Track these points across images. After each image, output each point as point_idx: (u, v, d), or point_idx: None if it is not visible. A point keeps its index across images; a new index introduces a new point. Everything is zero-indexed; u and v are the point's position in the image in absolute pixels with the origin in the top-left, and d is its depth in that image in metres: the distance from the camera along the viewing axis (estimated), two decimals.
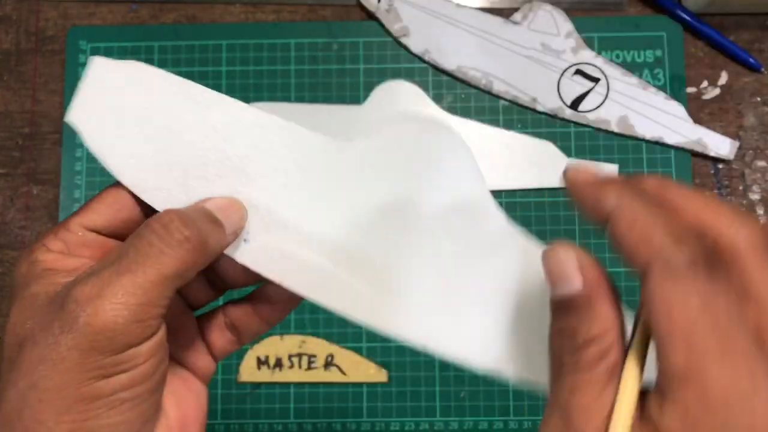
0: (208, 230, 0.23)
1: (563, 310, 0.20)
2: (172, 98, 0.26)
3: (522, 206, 0.48)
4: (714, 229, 0.18)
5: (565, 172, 0.22)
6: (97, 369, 0.20)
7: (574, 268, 0.20)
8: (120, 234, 0.25)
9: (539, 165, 0.48)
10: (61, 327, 0.20)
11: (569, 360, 0.20)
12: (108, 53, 0.50)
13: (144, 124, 0.25)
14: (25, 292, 0.22)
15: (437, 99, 0.49)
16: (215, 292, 0.28)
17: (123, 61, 0.26)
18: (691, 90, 0.49)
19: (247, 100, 0.50)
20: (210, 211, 0.23)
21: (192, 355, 0.27)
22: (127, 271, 0.21)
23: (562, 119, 0.49)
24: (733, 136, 0.48)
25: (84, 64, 0.50)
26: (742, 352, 0.17)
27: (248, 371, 0.47)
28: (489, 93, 0.49)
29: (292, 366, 0.47)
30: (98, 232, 0.24)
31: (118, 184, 0.25)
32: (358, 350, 0.47)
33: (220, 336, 0.27)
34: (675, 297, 0.18)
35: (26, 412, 0.20)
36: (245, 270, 0.25)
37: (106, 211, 0.24)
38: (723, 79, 0.49)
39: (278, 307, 0.27)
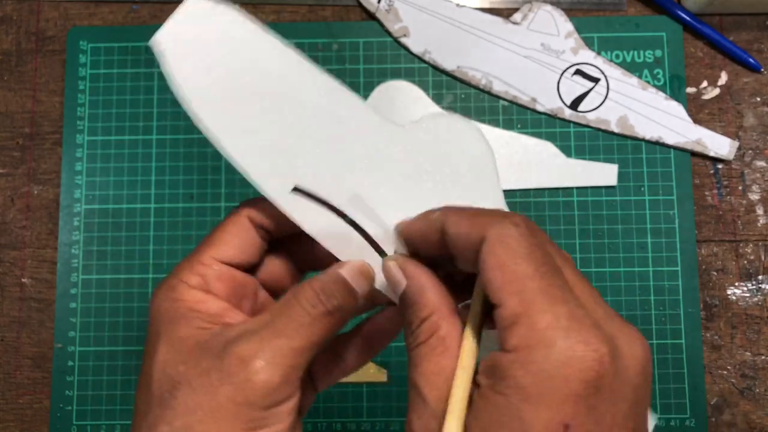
0: (347, 302, 0.25)
1: (403, 306, 0.25)
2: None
3: (522, 206, 0.48)
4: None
5: (396, 230, 0.26)
6: (249, 421, 0.23)
7: (398, 272, 0.25)
8: (244, 263, 0.27)
9: (539, 165, 0.48)
10: (221, 379, 0.23)
11: (410, 342, 0.23)
12: (108, 53, 0.50)
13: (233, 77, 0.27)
14: (173, 333, 0.24)
15: (437, 99, 0.49)
16: None
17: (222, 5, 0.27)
18: (690, 90, 0.49)
19: None
20: (347, 281, 0.26)
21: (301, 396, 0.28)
22: (283, 335, 0.24)
23: (562, 119, 0.49)
24: (733, 136, 0.48)
25: (84, 65, 0.50)
26: (559, 296, 0.20)
27: None
28: (489, 93, 0.49)
29: None
30: (228, 264, 0.26)
31: (236, 214, 0.27)
32: None
33: (326, 372, 0.29)
34: (507, 255, 0.21)
35: None
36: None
37: (234, 242, 0.27)
38: (723, 79, 0.49)
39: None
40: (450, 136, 0.28)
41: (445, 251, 0.24)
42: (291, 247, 0.29)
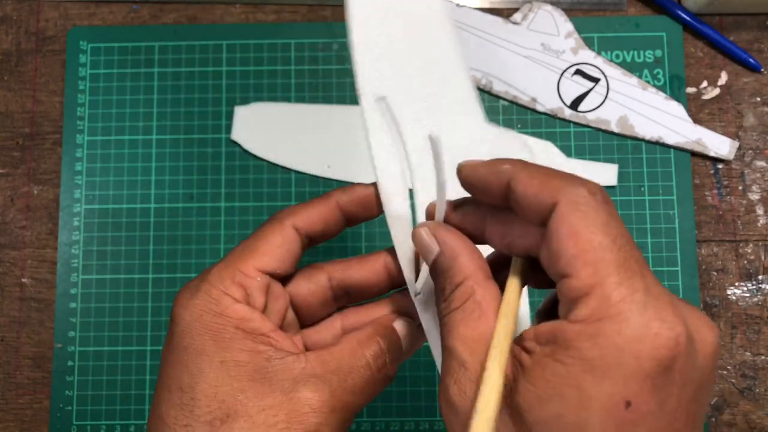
0: (397, 364, 0.26)
1: (435, 273, 0.24)
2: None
3: None
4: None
5: (459, 169, 0.24)
6: None
7: (431, 237, 0.24)
8: (283, 275, 0.26)
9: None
10: (288, 422, 0.22)
11: (444, 309, 0.23)
12: (108, 53, 0.50)
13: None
14: (226, 355, 0.23)
15: None
16: None
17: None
18: (690, 90, 0.49)
19: (247, 100, 0.50)
20: (402, 344, 0.26)
21: None
22: (350, 392, 0.24)
23: (562, 119, 0.49)
24: (733, 136, 0.48)
25: (84, 65, 0.50)
26: (636, 270, 0.20)
27: None
28: (489, 93, 0.49)
29: None
30: (268, 274, 0.26)
31: (279, 221, 0.26)
32: None
33: None
34: (582, 223, 0.20)
35: None
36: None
37: (277, 252, 0.26)
38: (723, 79, 0.49)
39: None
40: None
41: (503, 203, 0.23)
42: (325, 266, 0.28)
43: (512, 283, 0.23)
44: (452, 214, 0.25)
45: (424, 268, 0.27)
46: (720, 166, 0.48)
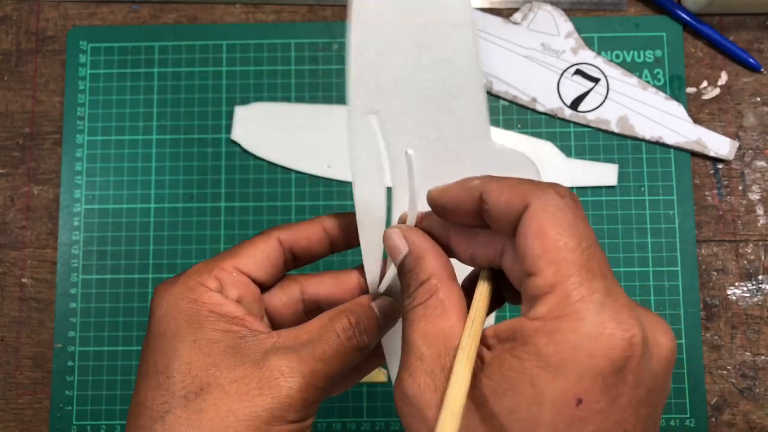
0: (375, 339, 0.27)
1: (402, 273, 0.25)
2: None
3: None
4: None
5: (429, 195, 0.25)
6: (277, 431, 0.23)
7: (400, 238, 0.25)
8: (260, 280, 0.28)
9: (539, 165, 0.48)
10: (260, 389, 0.23)
11: (407, 305, 0.24)
12: (108, 53, 0.50)
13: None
14: (199, 334, 0.24)
15: None
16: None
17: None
18: (690, 90, 0.49)
19: (247, 100, 0.50)
20: (379, 320, 0.27)
21: None
22: (321, 360, 0.25)
23: (562, 119, 0.49)
24: (733, 136, 0.48)
25: (84, 65, 0.50)
26: (597, 272, 0.20)
27: None
28: (489, 93, 0.49)
29: None
30: (246, 275, 0.27)
31: (266, 233, 0.28)
32: None
33: None
34: (547, 224, 0.21)
35: None
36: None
37: (258, 257, 0.27)
38: (723, 79, 0.49)
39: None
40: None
41: (478, 221, 0.24)
42: (300, 278, 0.30)
43: (481, 288, 0.23)
44: (421, 224, 0.26)
45: (390, 271, 0.28)
46: (720, 166, 0.48)
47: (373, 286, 0.29)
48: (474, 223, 0.24)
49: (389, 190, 0.29)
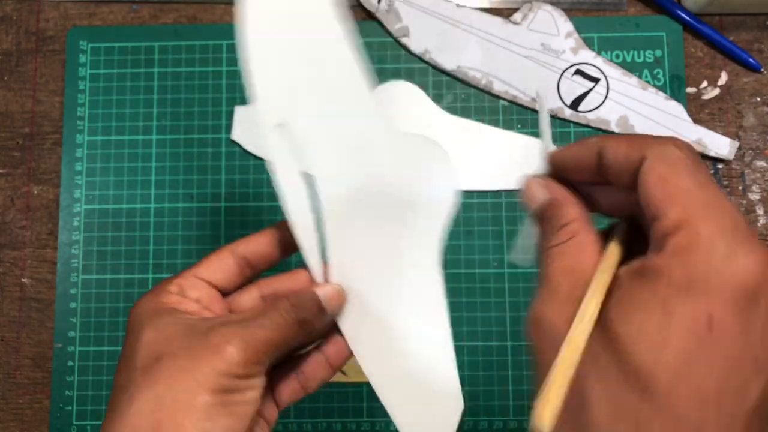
0: (316, 319, 0.30)
1: (540, 218, 0.26)
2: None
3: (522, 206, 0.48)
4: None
5: (549, 158, 0.27)
6: (223, 385, 0.26)
7: (541, 187, 0.27)
8: (218, 285, 0.31)
9: (540, 165, 0.48)
10: (205, 350, 0.27)
11: (546, 245, 0.25)
12: (108, 53, 0.50)
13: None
14: (160, 321, 0.28)
15: (437, 99, 0.49)
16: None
17: None
18: (690, 90, 0.49)
19: (247, 100, 0.50)
20: (320, 301, 0.30)
21: (263, 405, 0.31)
22: (259, 328, 0.28)
23: (562, 119, 0.49)
24: (733, 136, 0.48)
25: (84, 65, 0.50)
26: (726, 207, 0.20)
27: None
28: (489, 93, 0.49)
29: None
30: (204, 281, 0.31)
31: (224, 249, 0.32)
32: None
33: (287, 385, 0.32)
34: (669, 171, 0.21)
35: (164, 412, 0.25)
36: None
37: (212, 266, 0.31)
38: (723, 79, 0.49)
39: (344, 347, 0.32)
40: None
41: (598, 178, 0.25)
42: (259, 282, 0.33)
43: (613, 244, 0.24)
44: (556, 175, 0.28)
45: (525, 230, 0.29)
46: (720, 166, 0.48)
47: (317, 278, 0.31)
48: (593, 180, 0.25)
49: (313, 201, 0.31)
